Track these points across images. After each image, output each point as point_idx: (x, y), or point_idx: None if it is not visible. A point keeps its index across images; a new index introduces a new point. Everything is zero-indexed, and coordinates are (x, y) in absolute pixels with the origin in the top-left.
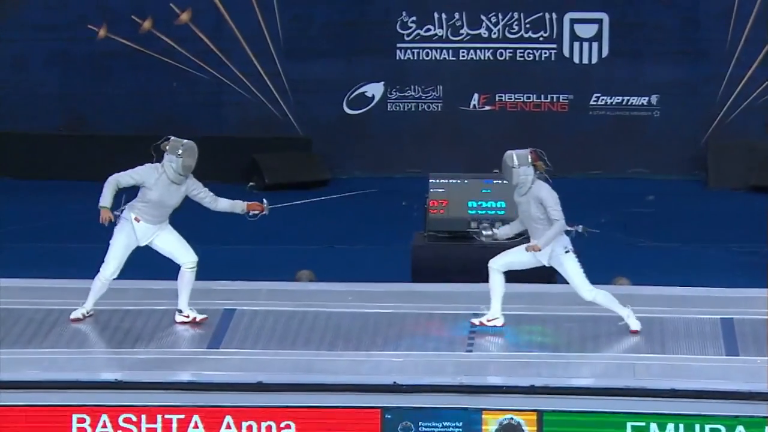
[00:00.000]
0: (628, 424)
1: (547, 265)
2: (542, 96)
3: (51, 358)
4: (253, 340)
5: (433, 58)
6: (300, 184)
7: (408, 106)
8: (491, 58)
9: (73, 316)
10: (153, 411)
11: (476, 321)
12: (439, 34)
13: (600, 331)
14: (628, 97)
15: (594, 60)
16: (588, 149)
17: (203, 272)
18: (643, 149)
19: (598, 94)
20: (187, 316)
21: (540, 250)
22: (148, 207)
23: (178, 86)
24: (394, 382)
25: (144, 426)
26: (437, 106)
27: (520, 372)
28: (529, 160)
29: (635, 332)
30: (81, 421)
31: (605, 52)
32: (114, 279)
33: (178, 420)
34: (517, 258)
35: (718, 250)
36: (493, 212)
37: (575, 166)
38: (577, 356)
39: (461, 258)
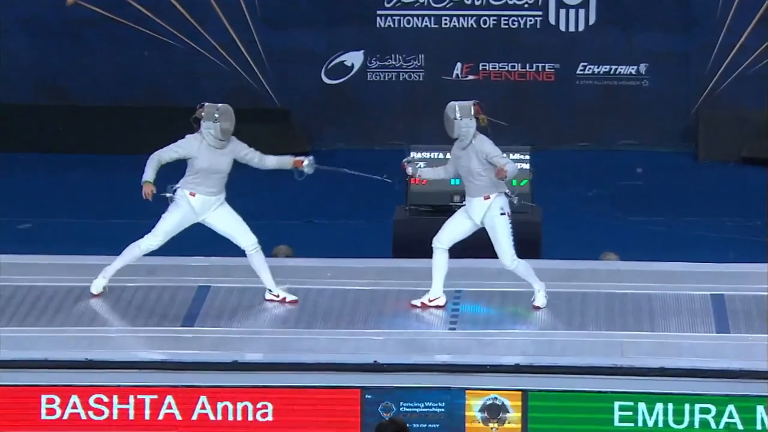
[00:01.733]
0: (616, 404)
1: (479, 224)
2: (527, 65)
3: (18, 336)
4: (229, 317)
5: (415, 25)
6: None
7: (389, 75)
8: (475, 25)
9: (93, 290)
10: (125, 391)
11: (416, 302)
12: (421, 1)
13: (587, 309)
14: (617, 67)
15: (581, 27)
16: (575, 120)
17: (177, 248)
18: (631, 120)
19: (585, 63)
20: (277, 296)
21: (506, 176)
22: (200, 177)
23: (153, 56)
24: (375, 361)
25: (116, 407)
26: (419, 76)
27: (505, 351)
28: (472, 112)
29: (537, 308)
30: (50, 402)
31: (593, 20)
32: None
33: (151, 400)
34: (458, 228)
35: (709, 224)
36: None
37: (562, 138)
38: (563, 334)
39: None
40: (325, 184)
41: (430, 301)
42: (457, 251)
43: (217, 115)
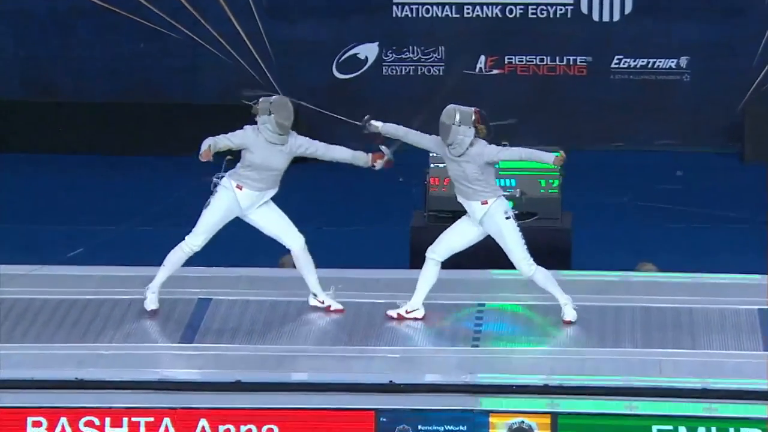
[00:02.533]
0: (654, 428)
1: (484, 230)
2: (557, 58)
3: (1, 354)
4: (231, 333)
5: (435, 14)
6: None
7: (406, 69)
8: (500, 15)
9: (150, 306)
10: (118, 413)
11: (392, 313)
12: None
13: (621, 324)
14: (655, 60)
15: (616, 17)
16: (609, 118)
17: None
18: (671, 118)
19: (621, 56)
20: (322, 302)
21: (561, 161)
22: (251, 171)
23: (149, 48)
24: (390, 381)
25: (108, 430)
26: (438, 70)
27: (532, 369)
28: (472, 119)
29: (569, 323)
30: (37, 425)
31: (629, 8)
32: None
33: (147, 423)
34: (461, 236)
35: (756, 231)
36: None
37: (594, 137)
38: (595, 351)
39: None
40: (336, 187)
41: (408, 312)
42: (480, 261)
43: (271, 109)
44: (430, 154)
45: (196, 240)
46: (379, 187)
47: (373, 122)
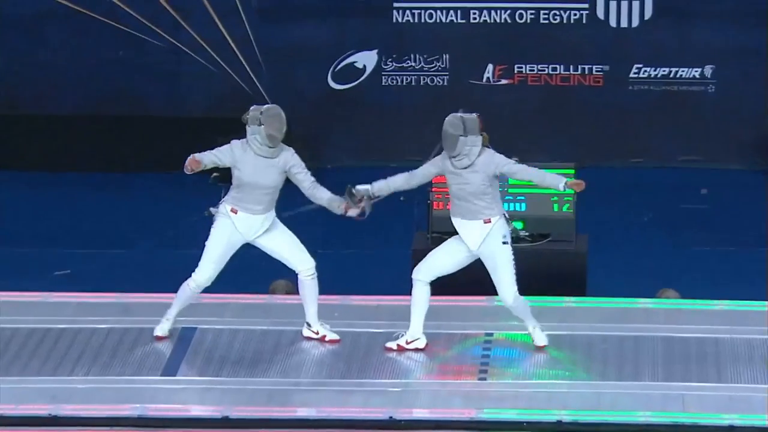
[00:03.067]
0: None
1: (475, 252)
2: (571, 67)
3: None
4: (218, 365)
5: (438, 20)
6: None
7: (407, 79)
8: (509, 20)
9: (158, 332)
10: None
11: (392, 345)
12: None
13: (641, 355)
14: (677, 69)
15: (635, 22)
16: (627, 132)
17: (157, 282)
18: (695, 132)
19: (640, 65)
20: (316, 332)
21: (580, 187)
22: (242, 192)
23: (127, 55)
24: (391, 417)
25: None
26: (443, 80)
27: (545, 405)
28: (479, 126)
29: (542, 347)
30: None
31: (648, 13)
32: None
33: None
34: (448, 259)
35: None
36: (511, 207)
37: (612, 152)
38: (613, 385)
39: (472, 264)
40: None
41: (408, 343)
42: (487, 287)
43: (262, 119)
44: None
45: (201, 275)
46: (379, 207)
47: (358, 187)
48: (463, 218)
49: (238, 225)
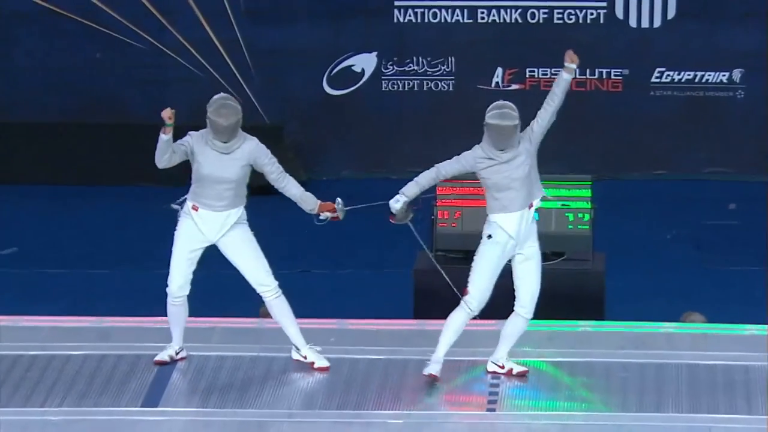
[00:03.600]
0: None
1: (512, 246)
2: (588, 71)
3: None
4: (204, 395)
5: (443, 19)
6: (267, 187)
7: (409, 84)
8: (520, 20)
9: (158, 358)
10: None
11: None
12: None
13: (664, 384)
14: (703, 73)
15: (657, 23)
16: (649, 142)
17: (138, 303)
18: (722, 142)
19: (662, 69)
20: (305, 357)
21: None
22: (202, 186)
23: (107, 59)
24: None
25: None
26: (447, 85)
27: None
28: None
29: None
30: None
31: (671, 12)
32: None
33: None
34: (492, 274)
35: None
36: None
37: (632, 164)
38: (632, 417)
39: None
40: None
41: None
42: (496, 309)
43: (209, 110)
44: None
45: (172, 285)
46: (379, 223)
47: (398, 200)
48: (508, 211)
49: (200, 224)
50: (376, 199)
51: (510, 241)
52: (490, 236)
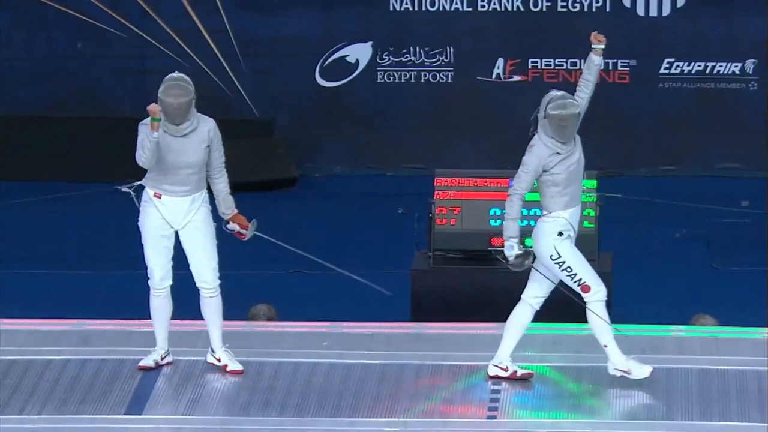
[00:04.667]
0: None
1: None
2: None
3: None
4: (190, 402)
5: (441, 7)
6: (257, 184)
7: (406, 75)
8: (522, 8)
9: (143, 363)
10: None
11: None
12: None
13: (673, 391)
14: (714, 63)
15: (666, 11)
16: (658, 136)
17: (120, 306)
18: (734, 136)
19: (672, 59)
20: (219, 359)
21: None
22: (164, 173)
23: (87, 48)
24: None
25: None
26: (446, 76)
27: None
28: None
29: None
30: None
31: (681, 0)
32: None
33: None
34: (583, 258)
35: None
36: (525, 222)
37: (640, 159)
38: (641, 425)
39: (479, 288)
40: (320, 220)
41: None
42: (496, 311)
43: (160, 90)
44: (436, 178)
45: (153, 278)
46: (374, 222)
47: (513, 246)
48: (573, 205)
49: (164, 212)
50: (370, 195)
51: (574, 235)
52: (560, 233)
